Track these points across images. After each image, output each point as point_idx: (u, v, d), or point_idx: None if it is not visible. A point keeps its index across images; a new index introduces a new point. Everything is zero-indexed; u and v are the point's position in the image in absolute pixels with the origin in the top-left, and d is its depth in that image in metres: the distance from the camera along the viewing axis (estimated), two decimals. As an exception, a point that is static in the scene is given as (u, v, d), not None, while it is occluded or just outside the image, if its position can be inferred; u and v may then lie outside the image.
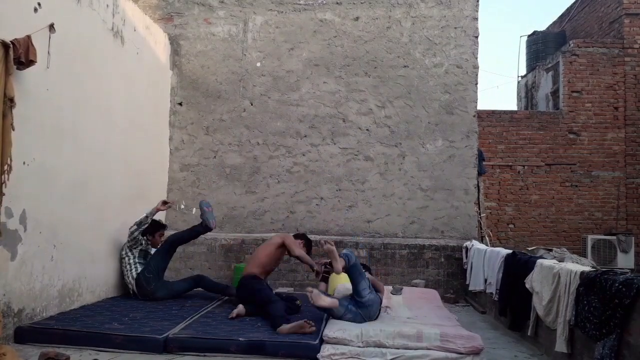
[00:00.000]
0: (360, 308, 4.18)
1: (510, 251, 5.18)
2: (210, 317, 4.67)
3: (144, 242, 5.63)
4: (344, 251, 4.36)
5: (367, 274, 4.58)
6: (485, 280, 5.64)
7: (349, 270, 4.25)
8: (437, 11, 7.18)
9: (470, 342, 3.78)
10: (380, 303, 4.39)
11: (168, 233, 7.03)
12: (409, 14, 7.20)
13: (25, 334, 3.96)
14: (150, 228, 5.66)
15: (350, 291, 4.42)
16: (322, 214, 7.03)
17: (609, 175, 10.16)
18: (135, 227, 5.49)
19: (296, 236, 5.34)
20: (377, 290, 4.43)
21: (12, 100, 3.72)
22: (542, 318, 4.06)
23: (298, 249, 5.09)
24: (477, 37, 7.16)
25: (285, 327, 4.13)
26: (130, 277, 5.40)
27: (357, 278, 4.25)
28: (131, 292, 5.41)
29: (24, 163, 4.08)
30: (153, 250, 5.69)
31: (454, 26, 7.15)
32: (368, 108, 7.15)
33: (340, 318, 4.17)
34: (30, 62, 3.92)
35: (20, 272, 4.08)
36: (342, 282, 5.25)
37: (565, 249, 8.78)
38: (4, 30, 3.77)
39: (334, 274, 5.34)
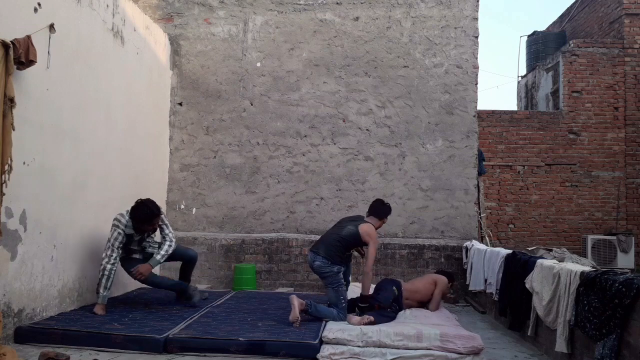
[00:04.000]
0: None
1: (510, 251, 5.18)
2: (210, 317, 4.67)
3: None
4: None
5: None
6: (485, 280, 5.64)
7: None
8: (437, 11, 7.18)
9: (470, 342, 3.78)
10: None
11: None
12: (409, 14, 7.20)
13: (25, 334, 3.96)
14: (140, 218, 4.82)
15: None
16: (322, 214, 7.03)
17: (609, 175, 10.16)
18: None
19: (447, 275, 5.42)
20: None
21: (12, 100, 3.73)
22: (542, 318, 4.06)
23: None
24: (477, 37, 7.16)
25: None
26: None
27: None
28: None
29: (24, 163, 4.08)
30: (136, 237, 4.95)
31: (454, 26, 7.15)
32: (368, 108, 7.15)
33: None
34: (30, 62, 3.92)
35: (20, 272, 4.08)
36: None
37: (565, 249, 8.79)
38: (4, 30, 3.77)
39: None
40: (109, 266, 4.71)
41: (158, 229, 5.09)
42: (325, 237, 4.87)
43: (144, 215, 4.80)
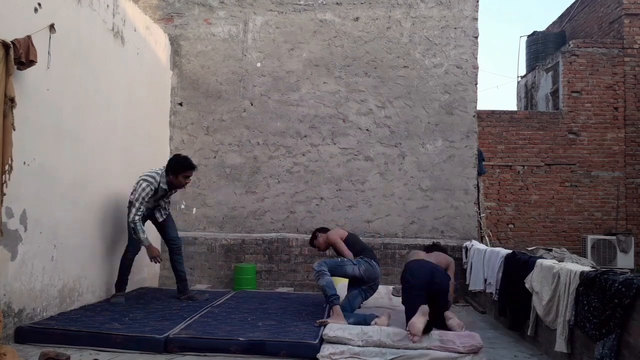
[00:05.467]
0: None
1: (510, 251, 5.18)
2: (210, 317, 4.67)
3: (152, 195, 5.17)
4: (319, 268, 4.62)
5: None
6: (485, 280, 5.64)
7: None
8: (437, 11, 7.18)
9: (470, 340, 3.78)
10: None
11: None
12: (408, 14, 7.20)
13: (26, 334, 3.97)
14: (177, 167, 5.17)
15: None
16: (322, 214, 7.03)
17: (609, 175, 10.17)
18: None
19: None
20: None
21: (12, 100, 3.73)
22: (541, 318, 4.07)
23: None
24: (477, 37, 7.16)
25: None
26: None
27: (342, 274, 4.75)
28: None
29: (24, 163, 4.09)
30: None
31: (453, 26, 7.16)
32: (368, 108, 7.16)
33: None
34: (30, 62, 3.92)
35: (20, 272, 4.09)
36: (342, 282, 5.27)
37: (565, 249, 8.80)
38: (4, 30, 3.77)
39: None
40: (137, 218, 5.02)
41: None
42: (365, 245, 5.07)
43: (187, 163, 5.24)
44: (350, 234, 5.13)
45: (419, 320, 3.78)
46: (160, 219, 5.51)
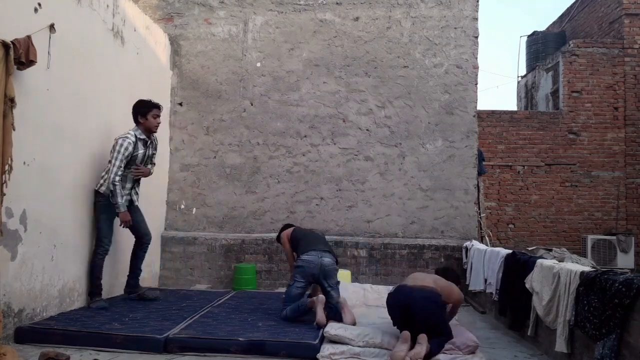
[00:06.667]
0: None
1: (510, 251, 5.18)
2: (210, 317, 4.67)
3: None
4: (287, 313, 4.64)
5: None
6: (485, 280, 5.64)
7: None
8: (437, 11, 7.18)
9: (466, 341, 3.78)
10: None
11: (169, 233, 7.06)
12: (409, 14, 7.20)
13: (26, 334, 3.96)
14: (142, 108, 5.16)
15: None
16: (322, 214, 7.03)
17: (609, 175, 10.17)
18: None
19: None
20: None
21: (12, 100, 3.72)
22: (542, 318, 4.07)
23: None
24: (477, 37, 7.16)
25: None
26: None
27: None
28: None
29: (24, 163, 4.08)
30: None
31: (454, 26, 7.16)
32: (368, 108, 7.15)
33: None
34: (30, 62, 3.92)
35: (20, 272, 4.08)
36: (343, 280, 5.28)
37: (565, 249, 8.79)
38: (4, 30, 3.77)
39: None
40: (117, 178, 4.92)
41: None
42: (317, 236, 4.99)
43: (150, 102, 5.23)
44: (296, 228, 5.22)
45: (400, 348, 3.56)
46: (137, 202, 5.33)
